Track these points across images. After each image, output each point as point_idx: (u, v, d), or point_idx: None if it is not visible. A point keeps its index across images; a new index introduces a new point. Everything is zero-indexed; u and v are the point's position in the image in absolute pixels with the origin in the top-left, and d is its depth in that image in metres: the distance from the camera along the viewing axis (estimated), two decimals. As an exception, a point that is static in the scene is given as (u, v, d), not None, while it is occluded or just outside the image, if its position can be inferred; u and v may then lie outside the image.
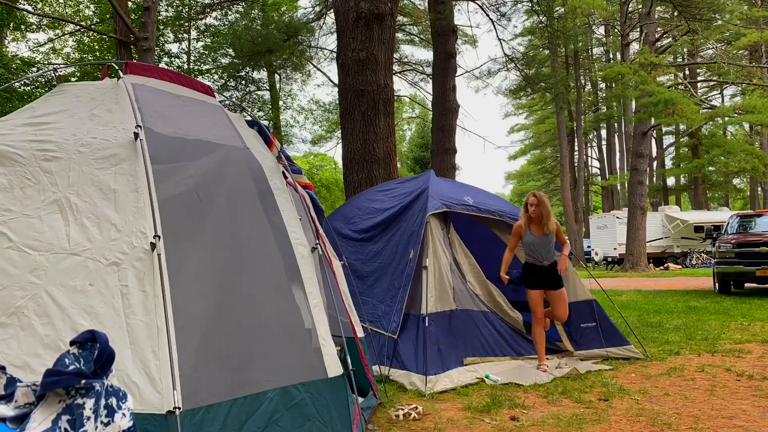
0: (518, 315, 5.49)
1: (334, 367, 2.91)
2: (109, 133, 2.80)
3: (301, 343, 2.87)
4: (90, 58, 19.24)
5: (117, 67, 3.34)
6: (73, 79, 17.88)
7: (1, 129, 2.78)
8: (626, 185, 28.34)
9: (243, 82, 21.18)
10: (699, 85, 32.21)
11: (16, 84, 14.18)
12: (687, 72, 31.21)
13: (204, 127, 3.23)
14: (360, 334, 3.68)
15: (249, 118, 3.89)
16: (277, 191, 3.22)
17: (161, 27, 18.23)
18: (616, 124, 38.00)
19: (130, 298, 2.37)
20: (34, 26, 18.38)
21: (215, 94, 3.85)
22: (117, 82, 3.18)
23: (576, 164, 35.21)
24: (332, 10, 10.90)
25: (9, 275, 2.37)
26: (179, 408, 2.17)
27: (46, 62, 18.87)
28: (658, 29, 24.10)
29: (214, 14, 18.96)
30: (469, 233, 5.78)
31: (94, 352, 1.74)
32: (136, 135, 2.74)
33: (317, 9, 17.93)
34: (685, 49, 29.52)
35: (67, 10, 19.84)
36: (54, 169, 2.62)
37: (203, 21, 19.83)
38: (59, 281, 2.38)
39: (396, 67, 20.00)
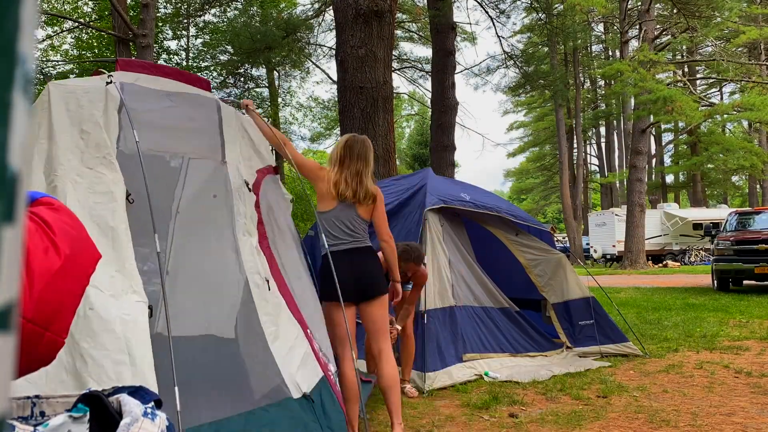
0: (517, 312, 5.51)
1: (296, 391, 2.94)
2: (102, 166, 2.74)
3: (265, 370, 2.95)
4: (89, 55, 19.21)
5: (106, 70, 3.24)
6: (71, 76, 17.87)
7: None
8: (625, 182, 28.36)
9: (242, 79, 21.16)
10: (698, 82, 32.22)
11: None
12: (686, 69, 31.20)
13: (186, 136, 3.18)
14: (331, 369, 3.28)
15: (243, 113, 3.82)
16: (238, 216, 3.16)
17: (160, 24, 18.19)
18: (615, 122, 38.00)
19: (129, 324, 2.42)
20: (33, 23, 18.32)
21: (211, 88, 3.77)
22: (106, 87, 3.04)
23: (575, 161, 35.22)
24: (331, 7, 10.88)
25: None
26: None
27: (44, 59, 18.82)
28: (657, 26, 24.09)
29: (212, 11, 18.92)
30: (466, 230, 5.79)
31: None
32: (128, 195, 2.72)
33: (316, 6, 17.91)
34: (684, 47, 29.50)
35: (65, 7, 19.79)
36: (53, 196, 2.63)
37: (202, 18, 19.80)
38: None
39: (395, 64, 20.00)
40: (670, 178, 37.73)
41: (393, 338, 4.12)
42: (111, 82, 2.99)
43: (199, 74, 21.31)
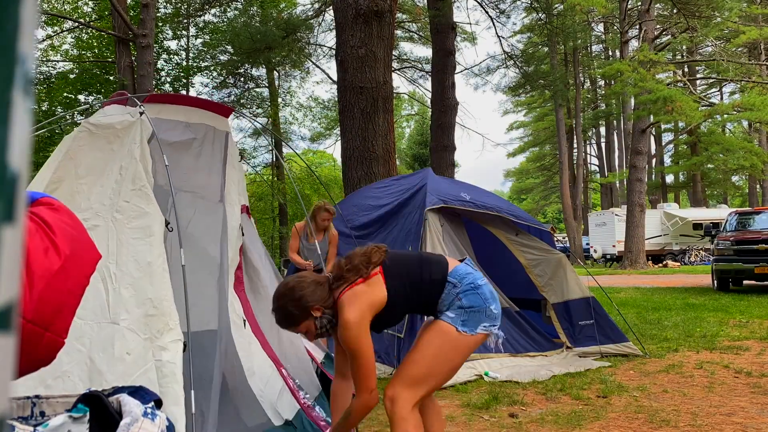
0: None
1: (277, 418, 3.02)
2: (139, 198, 2.80)
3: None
4: (89, 55, 19.22)
5: (137, 101, 3.27)
6: (71, 76, 17.89)
7: (50, 186, 2.81)
8: (625, 182, 28.36)
9: (242, 79, 21.17)
10: (698, 82, 32.21)
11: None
12: (686, 69, 31.20)
13: (194, 172, 3.28)
14: (307, 401, 3.32)
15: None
16: (232, 263, 3.25)
17: (160, 24, 18.20)
18: (615, 122, 38.00)
19: (164, 370, 2.45)
20: (32, 23, 18.33)
21: (231, 113, 3.83)
22: (137, 122, 3.07)
23: (575, 161, 35.22)
24: (331, 7, 10.88)
25: None
26: None
27: (44, 59, 18.83)
28: (657, 26, 24.09)
29: (212, 11, 18.94)
30: (466, 230, 5.79)
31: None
32: (167, 223, 2.79)
33: (316, 6, 17.92)
34: (684, 47, 29.51)
35: (65, 7, 19.80)
36: (95, 238, 2.67)
37: (202, 18, 19.81)
38: (101, 348, 2.48)
39: (395, 64, 19.99)
40: (670, 178, 37.74)
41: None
42: (143, 112, 3.05)
43: (199, 74, 21.36)
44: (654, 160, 36.01)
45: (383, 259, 2.35)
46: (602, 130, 40.92)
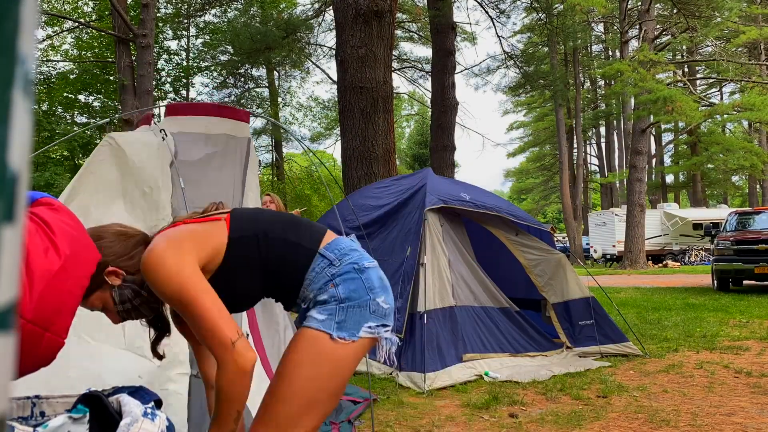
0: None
1: None
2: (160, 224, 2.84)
3: None
4: (89, 55, 19.22)
5: (158, 119, 3.29)
6: (71, 76, 17.90)
7: (72, 207, 2.82)
8: (625, 182, 28.35)
9: (242, 79, 21.17)
10: (698, 82, 32.21)
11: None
12: (686, 69, 31.20)
13: (216, 187, 3.29)
14: None
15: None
16: None
17: (160, 24, 18.20)
18: (615, 122, 38.01)
19: (170, 399, 2.47)
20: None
21: (249, 116, 3.84)
22: (161, 147, 3.09)
23: (575, 161, 35.22)
24: (331, 7, 10.88)
25: (68, 357, 2.51)
26: None
27: (44, 59, 18.84)
28: (657, 26, 24.09)
29: (213, 11, 18.94)
30: (466, 230, 5.79)
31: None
32: None
33: (316, 6, 17.92)
34: (684, 47, 29.51)
35: (65, 7, 19.80)
36: None
37: (202, 18, 19.82)
38: (113, 369, 2.52)
39: (395, 64, 20.00)
40: (670, 178, 37.75)
41: None
42: (165, 137, 3.06)
43: (199, 75, 21.37)
44: (654, 160, 36.01)
45: (236, 211, 1.71)
46: (602, 130, 40.93)
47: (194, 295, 1.42)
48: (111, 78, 17.02)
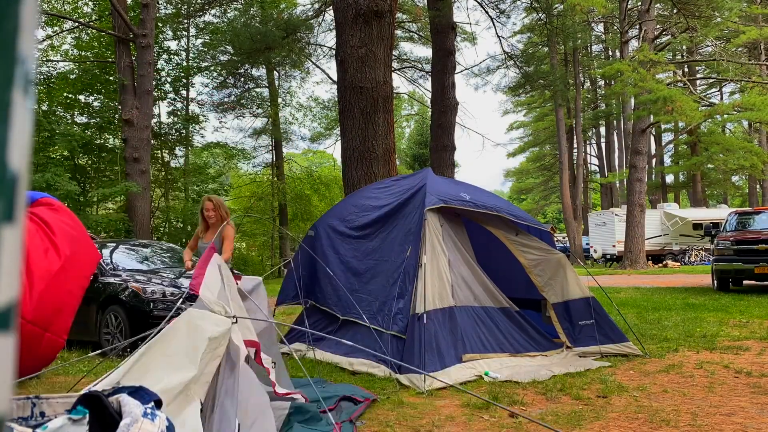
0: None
1: None
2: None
3: None
4: (89, 55, 19.22)
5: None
6: (71, 76, 17.88)
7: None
8: (625, 182, 28.35)
9: (242, 79, 21.18)
10: (698, 82, 32.21)
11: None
12: (686, 69, 31.19)
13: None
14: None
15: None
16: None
17: (160, 24, 18.20)
18: (615, 122, 38.00)
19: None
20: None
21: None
22: (232, 326, 3.15)
23: (575, 161, 35.22)
24: (331, 7, 10.88)
25: None
26: None
27: (44, 59, 18.83)
28: (657, 26, 24.08)
29: (212, 11, 18.93)
30: (466, 230, 5.79)
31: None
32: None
33: (316, 6, 17.92)
34: (684, 47, 29.51)
35: (65, 7, 19.80)
36: None
37: (202, 18, 19.82)
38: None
39: (395, 64, 20.00)
40: (670, 178, 37.74)
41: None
42: (236, 321, 3.02)
43: (199, 75, 21.35)
44: (654, 160, 36.00)
45: None
46: (602, 130, 40.92)
47: None
48: (111, 78, 17.01)
